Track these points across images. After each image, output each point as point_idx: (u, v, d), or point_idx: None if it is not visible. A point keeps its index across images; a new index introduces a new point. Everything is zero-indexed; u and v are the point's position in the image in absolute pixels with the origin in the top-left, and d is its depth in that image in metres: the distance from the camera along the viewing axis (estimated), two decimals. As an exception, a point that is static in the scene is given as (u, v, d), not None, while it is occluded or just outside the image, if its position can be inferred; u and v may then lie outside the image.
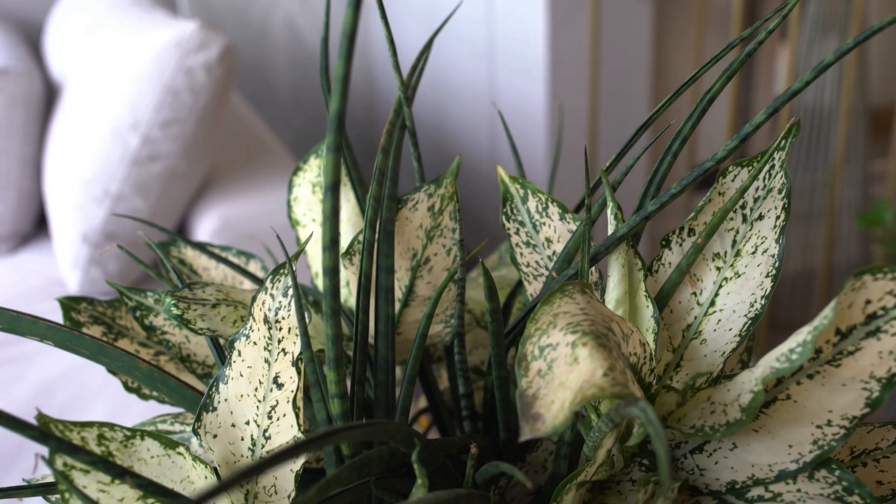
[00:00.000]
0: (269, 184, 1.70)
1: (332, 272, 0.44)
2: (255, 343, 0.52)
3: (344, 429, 0.41)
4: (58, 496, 0.61)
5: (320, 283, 0.72)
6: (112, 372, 0.67)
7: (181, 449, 0.51)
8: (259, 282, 0.70)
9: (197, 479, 0.52)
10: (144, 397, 0.67)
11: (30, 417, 1.32)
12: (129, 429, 0.50)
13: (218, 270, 0.75)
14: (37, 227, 1.82)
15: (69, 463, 0.48)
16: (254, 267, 0.74)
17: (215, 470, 0.52)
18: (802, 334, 0.42)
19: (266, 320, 0.51)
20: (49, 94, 1.81)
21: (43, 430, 0.44)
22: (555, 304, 0.45)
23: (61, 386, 1.30)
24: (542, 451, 0.61)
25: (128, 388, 0.67)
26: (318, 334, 0.65)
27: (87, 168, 1.54)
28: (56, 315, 1.44)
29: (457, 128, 2.30)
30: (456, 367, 0.61)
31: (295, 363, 0.50)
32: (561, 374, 0.41)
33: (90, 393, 1.28)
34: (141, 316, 0.67)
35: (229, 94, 1.60)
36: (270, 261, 0.79)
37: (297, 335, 0.50)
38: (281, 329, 0.51)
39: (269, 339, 0.51)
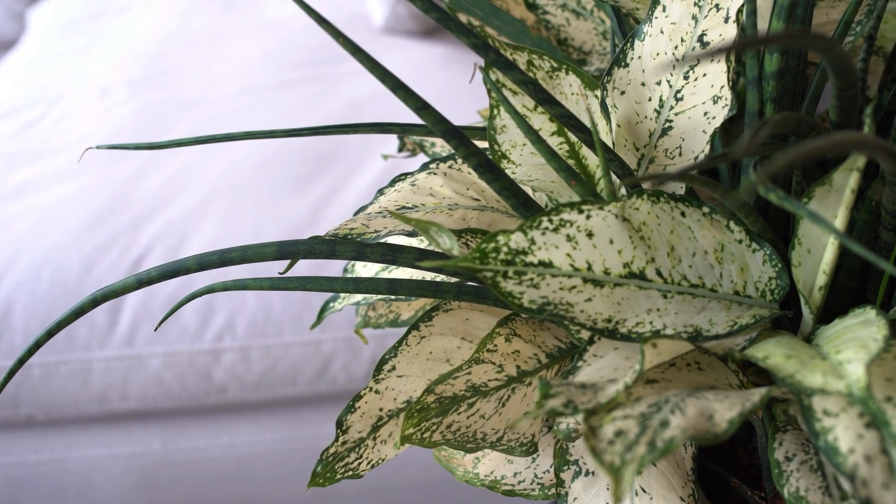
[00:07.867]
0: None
1: None
2: (686, -3, 0.50)
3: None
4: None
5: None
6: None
7: (598, 92, 0.52)
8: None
9: (602, 129, 0.53)
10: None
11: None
12: (555, 59, 0.51)
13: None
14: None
15: (501, 80, 0.50)
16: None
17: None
18: None
19: (707, -29, 0.49)
20: None
21: (484, 41, 0.46)
22: None
23: (370, 106, 1.37)
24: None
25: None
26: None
27: None
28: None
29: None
30: None
31: (734, 18, 0.48)
32: None
33: (398, 115, 1.34)
34: (527, -9, 0.67)
35: None
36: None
37: (741, -12, 0.48)
38: (724, -19, 0.49)
39: (706, -8, 0.50)
